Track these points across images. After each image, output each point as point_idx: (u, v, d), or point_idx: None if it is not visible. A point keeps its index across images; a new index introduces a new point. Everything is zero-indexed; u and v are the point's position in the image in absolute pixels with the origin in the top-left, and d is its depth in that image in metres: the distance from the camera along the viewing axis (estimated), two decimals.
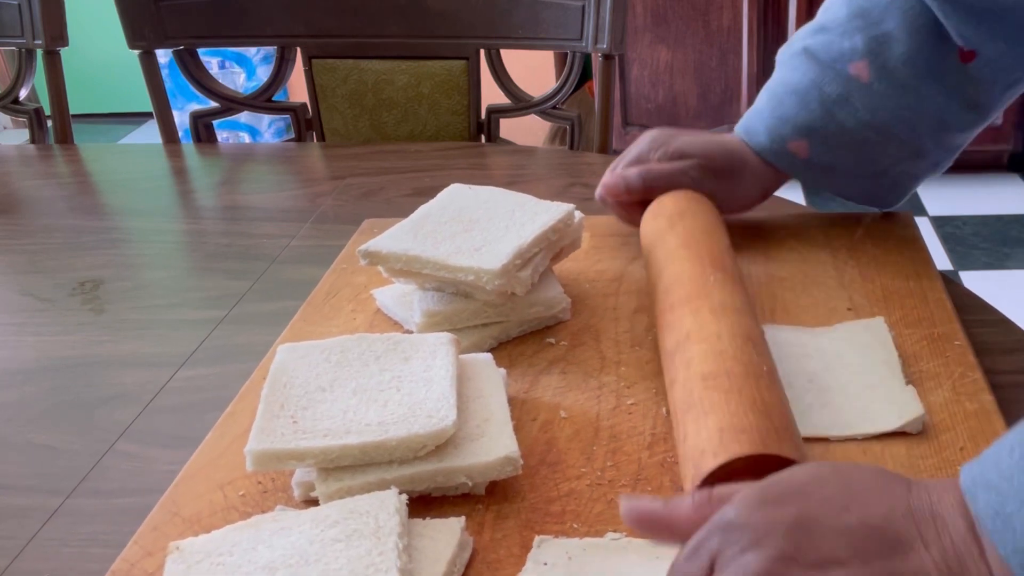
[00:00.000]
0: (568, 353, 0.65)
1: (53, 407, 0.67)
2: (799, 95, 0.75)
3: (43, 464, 0.61)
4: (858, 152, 0.75)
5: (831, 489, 0.42)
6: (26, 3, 1.28)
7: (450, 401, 0.52)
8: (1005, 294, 2.17)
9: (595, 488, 0.52)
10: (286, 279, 0.83)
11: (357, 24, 1.28)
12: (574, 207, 0.71)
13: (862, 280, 0.71)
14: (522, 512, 0.51)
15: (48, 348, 0.75)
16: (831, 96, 0.74)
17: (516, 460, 0.51)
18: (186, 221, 1.02)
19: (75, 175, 1.18)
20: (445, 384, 0.54)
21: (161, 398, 0.67)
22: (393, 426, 0.51)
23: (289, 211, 0.99)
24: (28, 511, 0.57)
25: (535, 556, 0.48)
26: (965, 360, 0.60)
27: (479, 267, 0.63)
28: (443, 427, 0.51)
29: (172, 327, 0.77)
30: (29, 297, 0.84)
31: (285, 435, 0.51)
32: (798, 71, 0.76)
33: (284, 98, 1.95)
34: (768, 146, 0.77)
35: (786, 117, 0.76)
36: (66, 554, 0.53)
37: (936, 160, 0.77)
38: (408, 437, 0.50)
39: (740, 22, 2.65)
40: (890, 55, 0.72)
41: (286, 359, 0.57)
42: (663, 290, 0.64)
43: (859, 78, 0.73)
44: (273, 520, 0.48)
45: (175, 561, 0.46)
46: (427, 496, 0.52)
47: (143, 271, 0.89)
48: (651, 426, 0.57)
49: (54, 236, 0.97)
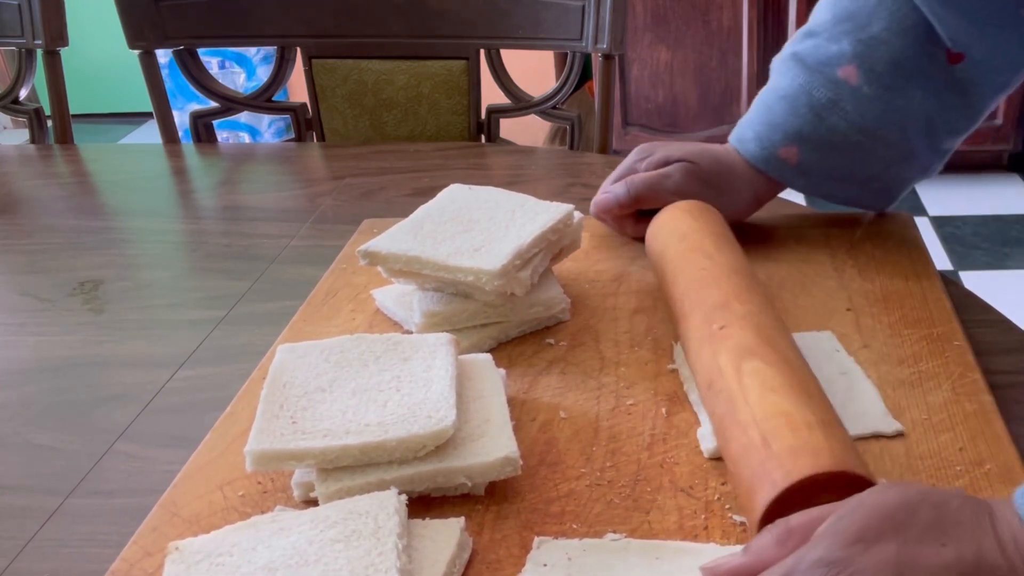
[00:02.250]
0: (568, 353, 0.65)
1: (53, 407, 0.67)
2: (788, 101, 0.75)
3: (42, 464, 0.61)
4: (849, 156, 0.75)
5: (923, 519, 0.41)
6: (26, 3, 1.28)
7: (450, 401, 0.52)
8: (1005, 294, 2.17)
9: (594, 488, 0.52)
10: (286, 279, 0.83)
11: (357, 24, 1.28)
12: (573, 207, 0.71)
13: (861, 280, 0.71)
14: (522, 513, 0.51)
15: (48, 348, 0.75)
16: (820, 101, 0.74)
17: (516, 461, 0.51)
18: (186, 221, 1.02)
19: (75, 175, 1.18)
20: (445, 384, 0.54)
21: (161, 398, 0.67)
22: (393, 426, 0.51)
23: (289, 211, 0.99)
24: (27, 511, 0.57)
25: (534, 557, 0.48)
26: (964, 360, 0.60)
27: (478, 268, 0.63)
28: (442, 427, 0.51)
29: (172, 327, 0.77)
30: (29, 297, 0.84)
31: (284, 435, 0.51)
32: (787, 77, 0.76)
33: (284, 98, 1.95)
34: (758, 153, 0.77)
35: (776, 123, 0.76)
36: (65, 554, 0.53)
37: (927, 163, 0.77)
38: (408, 437, 0.50)
39: (740, 22, 2.65)
40: (878, 58, 0.71)
41: (285, 359, 0.57)
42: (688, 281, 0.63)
43: (848, 82, 0.72)
44: (272, 521, 0.48)
45: (174, 561, 0.46)
46: (427, 496, 0.52)
47: (143, 271, 0.89)
48: (650, 427, 0.57)
49: (54, 236, 0.97)
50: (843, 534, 0.41)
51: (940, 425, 0.55)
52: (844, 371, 0.60)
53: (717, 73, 2.72)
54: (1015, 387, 0.60)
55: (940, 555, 0.40)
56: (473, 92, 1.29)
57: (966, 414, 0.56)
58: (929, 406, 0.57)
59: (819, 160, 0.76)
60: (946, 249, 2.43)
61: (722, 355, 0.55)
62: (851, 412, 0.56)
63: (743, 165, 0.78)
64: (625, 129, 2.80)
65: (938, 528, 0.41)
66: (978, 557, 0.40)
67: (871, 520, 0.41)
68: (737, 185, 0.78)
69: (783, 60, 0.77)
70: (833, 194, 0.79)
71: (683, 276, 0.64)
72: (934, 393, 0.58)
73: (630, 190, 0.76)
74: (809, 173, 0.76)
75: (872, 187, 0.78)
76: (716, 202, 0.74)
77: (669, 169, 0.76)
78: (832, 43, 0.73)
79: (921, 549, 0.40)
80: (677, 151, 0.77)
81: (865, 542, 0.40)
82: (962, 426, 0.55)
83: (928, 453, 0.53)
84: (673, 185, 0.75)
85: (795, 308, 0.68)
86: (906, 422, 0.55)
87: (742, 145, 0.78)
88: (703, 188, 0.76)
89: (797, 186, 0.78)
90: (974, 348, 0.62)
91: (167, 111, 1.34)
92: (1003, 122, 2.64)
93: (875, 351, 0.62)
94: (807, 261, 0.74)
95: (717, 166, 0.77)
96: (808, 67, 0.74)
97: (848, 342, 0.63)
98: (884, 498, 0.42)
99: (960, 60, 0.71)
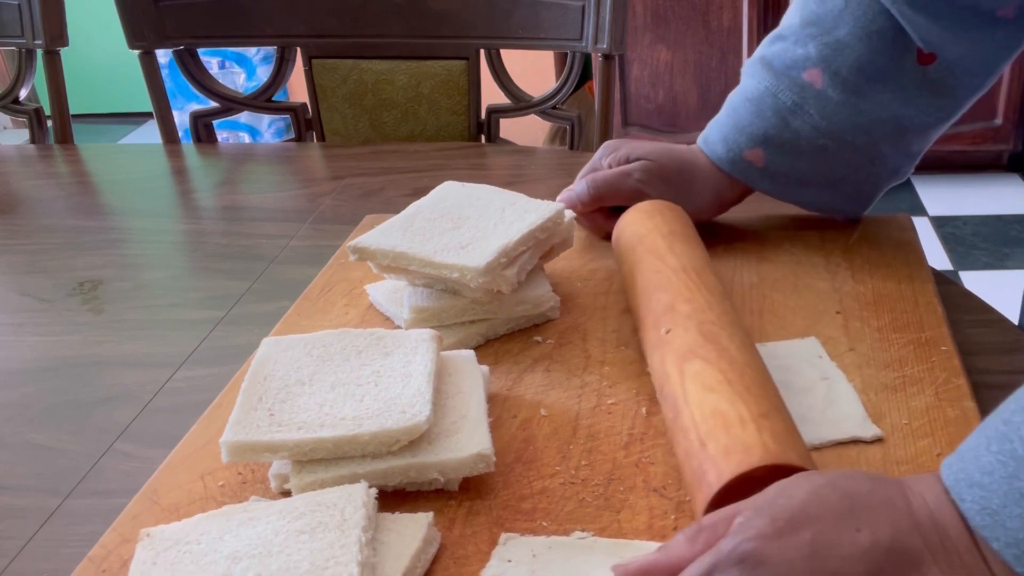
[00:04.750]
0: (554, 351, 0.66)
1: (52, 407, 0.67)
2: (754, 103, 0.75)
3: (42, 464, 0.61)
4: (815, 160, 0.75)
5: (836, 507, 0.41)
6: (26, 3, 1.28)
7: (425, 397, 0.53)
8: (1005, 294, 2.17)
9: (568, 487, 0.52)
10: (285, 279, 0.83)
11: (357, 24, 1.28)
12: (564, 206, 0.71)
13: (854, 283, 0.70)
14: (494, 509, 0.51)
15: (48, 348, 0.75)
16: (786, 104, 0.74)
17: (488, 457, 0.51)
18: (186, 221, 1.02)
19: (75, 175, 1.18)
20: (422, 380, 0.54)
21: (160, 398, 0.67)
22: (367, 420, 0.51)
23: (289, 211, 0.99)
24: (27, 511, 0.57)
25: (500, 553, 0.48)
26: (950, 365, 0.60)
27: (463, 264, 0.64)
28: (416, 423, 0.51)
29: (172, 327, 0.77)
30: (29, 297, 0.84)
31: (261, 427, 0.51)
32: (754, 80, 0.76)
33: (284, 98, 1.95)
34: (724, 155, 0.77)
35: (741, 126, 0.76)
36: (65, 554, 0.53)
37: (896, 167, 0.76)
38: (381, 432, 0.51)
39: (740, 22, 2.64)
40: (842, 62, 0.71)
41: (269, 352, 0.58)
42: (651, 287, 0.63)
43: (813, 85, 0.72)
44: (243, 510, 0.48)
45: (144, 548, 0.47)
46: (402, 491, 0.53)
47: (143, 271, 0.89)
48: (629, 426, 0.57)
49: (54, 236, 0.97)
50: (758, 528, 0.41)
51: (920, 431, 0.54)
52: (825, 376, 0.59)
53: (717, 73, 2.72)
54: (1014, 387, 0.59)
55: (855, 541, 0.40)
56: (473, 92, 1.29)
57: (947, 420, 0.55)
58: (911, 411, 0.56)
59: (785, 163, 0.75)
60: (946, 249, 2.43)
61: (668, 359, 0.56)
62: (830, 417, 0.55)
63: (708, 166, 0.78)
64: (625, 129, 2.80)
65: (851, 514, 0.41)
66: (893, 539, 0.40)
67: (784, 512, 0.41)
68: (698, 186, 0.78)
69: (752, 63, 0.77)
70: (801, 199, 0.78)
71: (639, 280, 0.65)
72: (917, 398, 0.57)
73: (590, 188, 0.77)
74: (775, 176, 0.76)
75: (841, 191, 0.77)
76: (678, 202, 0.74)
77: (630, 167, 0.77)
78: (798, 47, 0.73)
79: (835, 536, 0.40)
80: (640, 149, 0.78)
81: (779, 534, 0.41)
82: (942, 432, 0.54)
83: (905, 458, 0.52)
84: (633, 183, 0.76)
85: (784, 310, 0.68)
86: (886, 427, 0.55)
87: (708, 147, 0.78)
88: (664, 187, 0.76)
89: (764, 189, 0.78)
90: (973, 348, 0.62)
91: (167, 111, 1.34)
92: (1003, 122, 2.64)
93: (861, 354, 0.62)
94: (801, 262, 0.74)
95: (679, 165, 0.77)
96: (774, 70, 0.74)
97: (834, 345, 0.63)
98: (795, 490, 0.43)
99: (932, 61, 0.71)
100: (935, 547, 0.40)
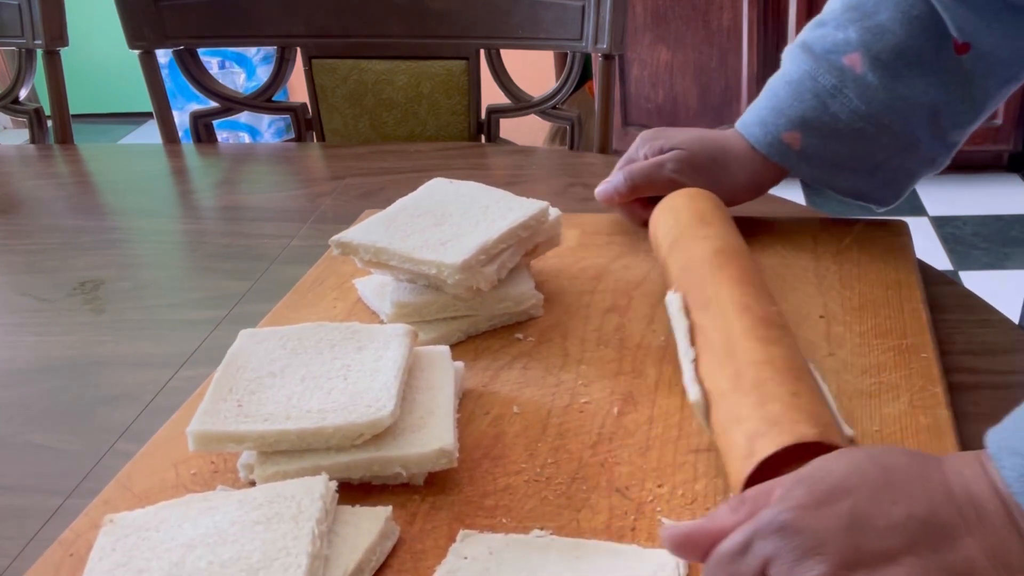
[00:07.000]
0: (533, 349, 0.66)
1: (53, 407, 0.67)
2: (793, 86, 0.76)
3: (43, 464, 0.61)
4: (852, 144, 0.75)
5: (873, 480, 0.42)
6: (26, 3, 1.28)
7: (391, 392, 0.53)
8: (1005, 294, 2.17)
9: (531, 484, 0.53)
10: (286, 279, 0.83)
11: (357, 24, 1.28)
12: (548, 204, 0.71)
13: (840, 287, 0.70)
14: (456, 505, 0.52)
15: (48, 348, 0.75)
16: (825, 87, 0.74)
17: (451, 453, 0.52)
18: (186, 221, 1.02)
19: (75, 175, 1.18)
20: (391, 375, 0.54)
21: (161, 398, 0.67)
22: (332, 414, 0.51)
23: (289, 211, 0.99)
24: (28, 511, 0.57)
25: (457, 549, 0.48)
26: (928, 373, 0.59)
27: (440, 261, 0.64)
28: (379, 417, 0.51)
29: (172, 327, 0.77)
30: (29, 297, 0.84)
31: (228, 418, 0.52)
32: (794, 63, 0.76)
33: (284, 98, 1.95)
34: (762, 137, 0.77)
35: (780, 108, 0.76)
36: None
37: (932, 155, 0.77)
38: (344, 425, 0.51)
39: (740, 22, 2.64)
40: (883, 46, 0.72)
41: (244, 344, 0.58)
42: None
43: (852, 69, 0.73)
44: (204, 499, 0.49)
45: (107, 534, 0.47)
46: (367, 484, 0.53)
47: (143, 271, 0.89)
48: (599, 425, 0.57)
49: (54, 236, 0.97)
50: (797, 500, 0.42)
51: (890, 438, 0.54)
52: None
53: (717, 73, 2.72)
54: (1015, 387, 0.60)
55: (891, 513, 0.41)
56: (473, 92, 1.29)
57: (918, 428, 0.54)
58: (883, 418, 0.55)
59: (822, 147, 0.76)
60: (946, 249, 2.43)
61: (725, 290, 0.58)
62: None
63: (744, 150, 0.78)
64: (625, 129, 2.80)
65: (888, 487, 0.42)
66: (929, 512, 0.41)
67: (823, 484, 0.42)
68: (733, 170, 0.78)
69: (792, 48, 0.78)
70: (837, 184, 0.79)
71: (684, 242, 0.66)
72: (891, 405, 0.56)
73: (626, 180, 0.78)
74: (812, 159, 0.77)
75: (877, 178, 0.78)
76: (712, 188, 0.75)
77: (663, 158, 0.78)
78: (839, 31, 0.74)
79: (872, 508, 0.41)
80: (675, 138, 0.78)
81: (818, 505, 0.41)
82: (912, 440, 0.53)
83: None
84: (668, 173, 0.77)
85: None
86: (856, 433, 0.54)
87: (746, 129, 0.78)
88: (698, 175, 0.77)
89: (800, 173, 0.78)
90: (973, 348, 0.62)
91: (167, 111, 1.33)
92: (1003, 122, 2.64)
93: (839, 360, 0.61)
94: (790, 265, 0.74)
95: (712, 152, 0.78)
96: (814, 54, 0.75)
97: (814, 350, 0.62)
98: (832, 463, 0.44)
99: (967, 50, 0.71)
100: (971, 520, 0.41)
